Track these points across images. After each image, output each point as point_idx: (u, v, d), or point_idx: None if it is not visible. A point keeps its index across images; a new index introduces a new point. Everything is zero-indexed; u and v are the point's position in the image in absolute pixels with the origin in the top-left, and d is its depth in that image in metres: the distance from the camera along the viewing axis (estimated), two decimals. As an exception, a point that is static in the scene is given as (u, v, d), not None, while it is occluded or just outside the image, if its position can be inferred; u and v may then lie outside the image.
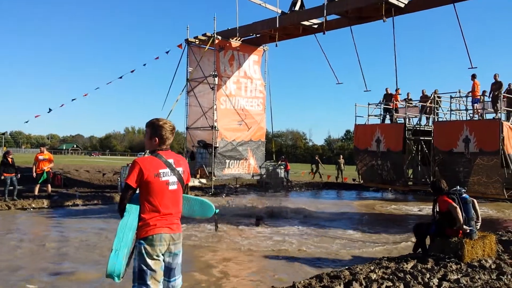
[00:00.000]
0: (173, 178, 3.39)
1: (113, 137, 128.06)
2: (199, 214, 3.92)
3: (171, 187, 3.38)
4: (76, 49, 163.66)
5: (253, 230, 10.14)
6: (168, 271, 3.37)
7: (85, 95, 17.93)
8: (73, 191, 16.72)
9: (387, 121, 21.42)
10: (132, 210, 3.30)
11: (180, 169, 3.47)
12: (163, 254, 3.32)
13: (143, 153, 26.50)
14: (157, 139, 3.43)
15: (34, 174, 14.62)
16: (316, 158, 27.43)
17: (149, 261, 3.23)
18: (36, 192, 14.71)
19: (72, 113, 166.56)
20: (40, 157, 14.88)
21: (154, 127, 3.45)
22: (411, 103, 21.23)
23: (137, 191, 3.34)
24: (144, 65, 19.40)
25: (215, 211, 3.82)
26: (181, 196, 3.52)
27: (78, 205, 13.75)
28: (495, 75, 17.75)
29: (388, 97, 21.05)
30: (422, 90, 21.16)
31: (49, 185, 15.13)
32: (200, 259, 7.42)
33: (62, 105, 17.98)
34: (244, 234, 9.67)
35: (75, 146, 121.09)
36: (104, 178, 23.19)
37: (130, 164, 3.46)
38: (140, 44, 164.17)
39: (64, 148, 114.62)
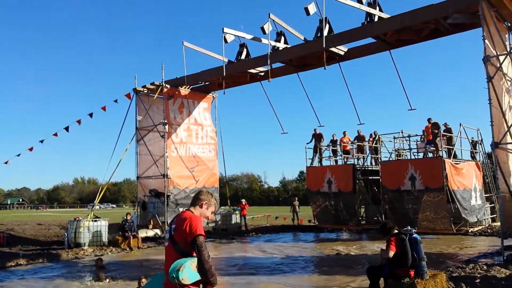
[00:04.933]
0: (167, 235, 3.64)
1: (61, 189, 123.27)
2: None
3: (165, 244, 3.65)
4: (19, 99, 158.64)
5: None
6: None
7: (30, 149, 17.26)
8: (16, 250, 15.72)
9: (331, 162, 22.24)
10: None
11: (172, 226, 3.62)
12: None
13: (92, 204, 25.54)
14: None
15: None
16: (294, 202, 26.94)
17: None
18: (-25, 254, 13.77)
19: (17, 166, 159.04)
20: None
21: None
22: (362, 144, 21.90)
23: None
24: (91, 115, 18.93)
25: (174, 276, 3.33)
26: (172, 254, 3.51)
27: (22, 265, 12.90)
28: (429, 119, 18.78)
29: (317, 138, 21.85)
30: (358, 130, 21.97)
31: (-10, 246, 14.23)
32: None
33: (6, 162, 17.16)
34: None
35: (21, 200, 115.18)
36: (50, 233, 22.06)
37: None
38: (88, 93, 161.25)
39: (9, 202, 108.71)
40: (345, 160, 22.00)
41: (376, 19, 14.29)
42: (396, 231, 7.25)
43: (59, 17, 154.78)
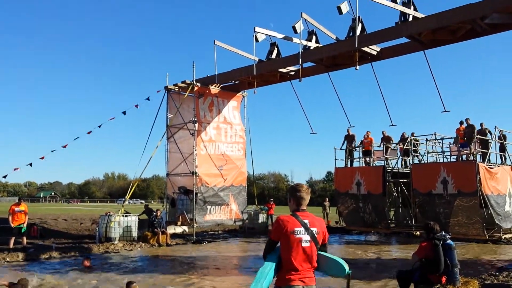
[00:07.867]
0: (306, 237, 3.70)
1: (92, 184, 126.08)
2: (334, 272, 3.95)
3: (304, 244, 3.69)
4: (54, 98, 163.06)
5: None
6: None
7: (65, 146, 17.75)
8: (49, 243, 16.16)
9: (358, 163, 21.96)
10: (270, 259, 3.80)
11: (314, 230, 3.75)
12: None
13: (123, 199, 25.97)
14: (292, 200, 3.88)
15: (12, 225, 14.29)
16: (324, 202, 26.96)
17: None
18: (11, 245, 14.20)
19: (50, 161, 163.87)
20: (16, 209, 14.50)
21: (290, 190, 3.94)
22: (388, 146, 21.55)
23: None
24: (124, 113, 19.38)
25: (348, 272, 3.80)
26: (315, 253, 3.76)
27: (54, 258, 13.26)
28: (467, 119, 18.28)
29: (349, 139, 21.58)
30: (383, 132, 21.70)
31: (25, 237, 14.65)
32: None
33: (42, 158, 17.63)
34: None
35: (53, 193, 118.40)
36: (82, 227, 22.61)
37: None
38: (121, 91, 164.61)
39: (41, 196, 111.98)
40: (373, 161, 21.68)
41: (410, 18, 14.03)
42: (438, 233, 7.00)
43: (93, 16, 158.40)
